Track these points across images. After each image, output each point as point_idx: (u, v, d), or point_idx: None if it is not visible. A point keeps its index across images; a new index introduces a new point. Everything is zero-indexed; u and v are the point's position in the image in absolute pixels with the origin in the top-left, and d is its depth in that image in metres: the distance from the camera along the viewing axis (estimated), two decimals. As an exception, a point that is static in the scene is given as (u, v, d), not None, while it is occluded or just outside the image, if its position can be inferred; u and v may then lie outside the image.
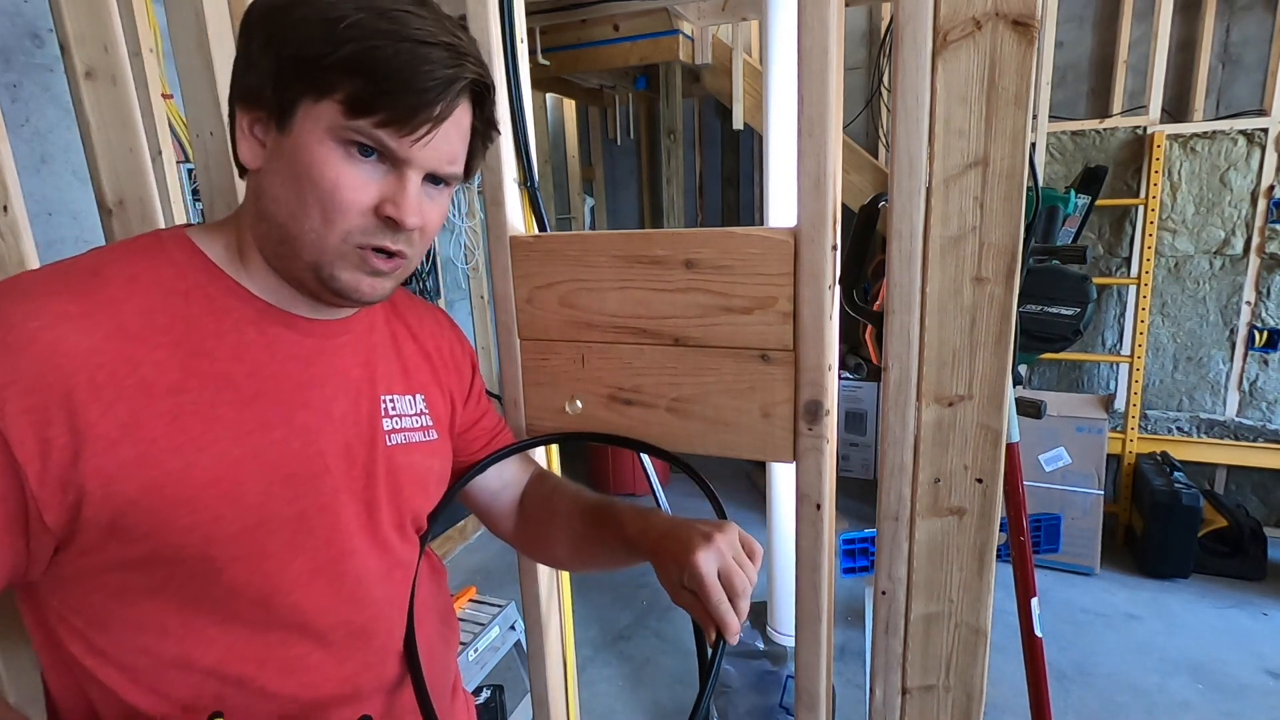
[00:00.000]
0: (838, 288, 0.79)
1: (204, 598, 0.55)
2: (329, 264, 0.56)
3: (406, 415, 0.68)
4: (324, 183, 0.53)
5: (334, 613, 0.62)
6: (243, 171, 0.59)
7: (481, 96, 0.58)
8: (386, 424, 0.66)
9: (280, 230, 0.56)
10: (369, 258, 0.56)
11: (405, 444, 0.67)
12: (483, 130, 0.61)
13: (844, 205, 0.80)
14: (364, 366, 0.65)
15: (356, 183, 0.54)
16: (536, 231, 0.96)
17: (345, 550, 0.62)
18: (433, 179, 0.58)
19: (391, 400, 0.67)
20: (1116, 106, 3.16)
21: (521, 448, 0.87)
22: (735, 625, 0.59)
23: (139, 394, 0.50)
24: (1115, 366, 3.30)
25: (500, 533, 0.87)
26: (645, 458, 1.02)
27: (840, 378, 3.31)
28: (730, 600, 0.59)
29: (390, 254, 0.57)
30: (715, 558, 0.59)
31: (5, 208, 0.90)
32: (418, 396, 0.70)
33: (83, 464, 0.48)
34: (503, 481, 0.85)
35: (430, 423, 0.71)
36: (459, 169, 0.59)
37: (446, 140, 0.56)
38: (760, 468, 3.50)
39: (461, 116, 0.57)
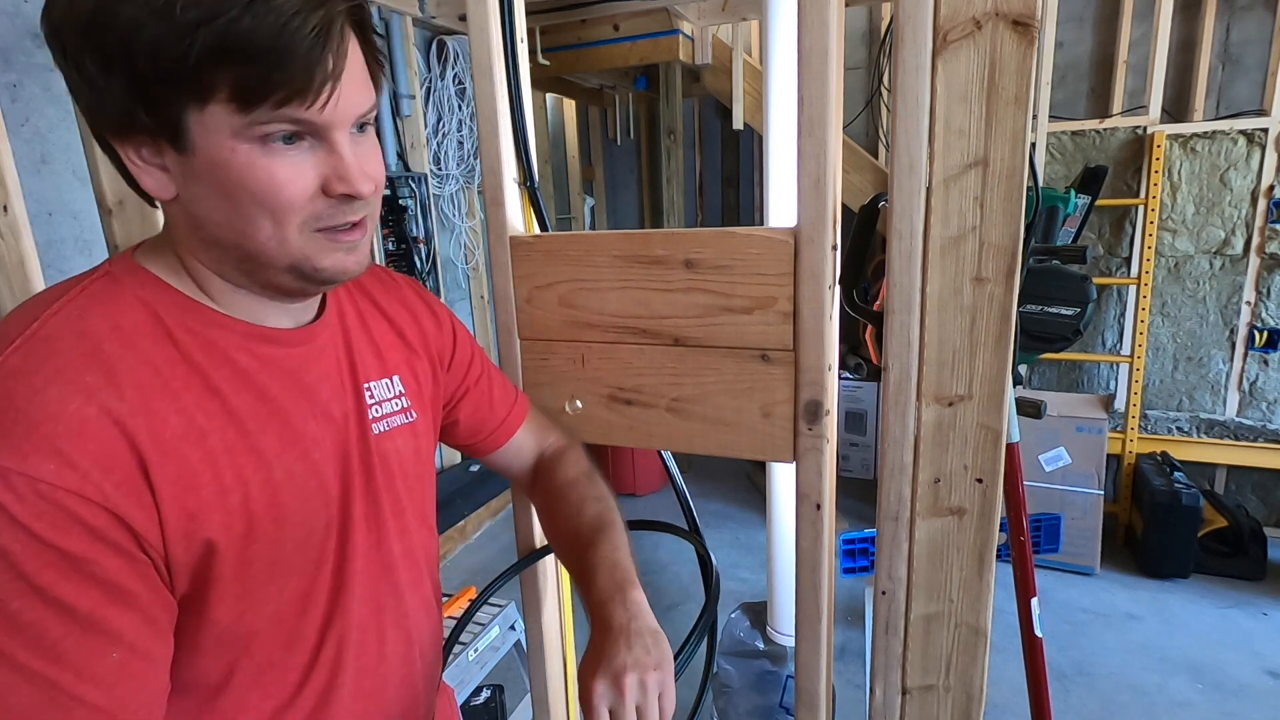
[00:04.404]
0: (838, 288, 0.79)
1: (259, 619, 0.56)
2: (305, 260, 0.53)
3: (386, 400, 0.68)
4: (260, 187, 0.49)
5: (359, 609, 0.63)
6: (151, 201, 0.54)
7: (358, 12, 0.51)
8: (371, 412, 0.66)
9: (236, 250, 0.52)
10: (337, 236, 0.53)
11: (389, 430, 0.67)
12: (368, 49, 0.53)
13: (844, 205, 0.80)
14: (344, 360, 0.65)
15: (291, 172, 0.49)
16: (536, 231, 0.96)
17: (352, 550, 0.63)
18: (356, 126, 0.53)
19: (370, 388, 0.66)
20: (1116, 106, 3.16)
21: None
22: None
23: (184, 446, 0.50)
24: (1115, 366, 3.30)
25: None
26: (667, 455, 1.02)
27: (840, 378, 3.31)
28: None
29: (354, 224, 0.54)
30: (611, 697, 0.58)
31: (5, 208, 0.90)
32: (394, 378, 0.69)
33: (166, 528, 0.48)
34: (514, 450, 0.86)
35: (409, 404, 0.70)
36: (373, 100, 0.54)
37: (352, 82, 0.50)
38: (760, 468, 3.50)
39: (352, 49, 0.50)
